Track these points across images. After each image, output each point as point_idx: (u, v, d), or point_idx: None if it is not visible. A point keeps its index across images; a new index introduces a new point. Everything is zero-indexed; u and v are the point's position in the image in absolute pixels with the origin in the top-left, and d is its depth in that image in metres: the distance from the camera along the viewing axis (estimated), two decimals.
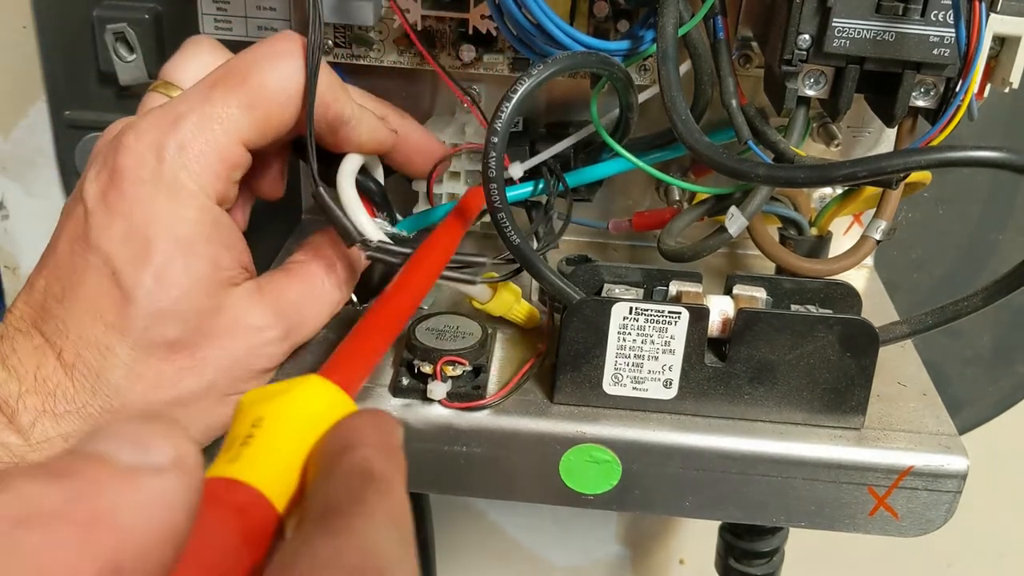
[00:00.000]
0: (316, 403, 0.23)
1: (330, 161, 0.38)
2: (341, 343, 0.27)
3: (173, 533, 0.16)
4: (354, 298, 0.42)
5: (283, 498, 0.21)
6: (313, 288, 0.37)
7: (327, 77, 0.35)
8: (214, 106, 0.33)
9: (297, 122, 0.34)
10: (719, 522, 0.48)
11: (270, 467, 0.21)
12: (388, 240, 0.37)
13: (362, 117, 0.37)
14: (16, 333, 0.33)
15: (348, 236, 0.36)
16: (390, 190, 0.41)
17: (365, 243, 0.36)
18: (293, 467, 0.22)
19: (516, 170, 0.40)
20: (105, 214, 0.32)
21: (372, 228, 0.36)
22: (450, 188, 0.43)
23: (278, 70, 0.33)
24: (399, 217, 0.41)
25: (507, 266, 0.38)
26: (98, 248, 0.32)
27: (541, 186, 0.41)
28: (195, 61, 0.37)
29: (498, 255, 0.37)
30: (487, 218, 0.34)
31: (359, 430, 0.22)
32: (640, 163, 0.38)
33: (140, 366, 0.32)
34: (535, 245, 0.39)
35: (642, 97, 0.40)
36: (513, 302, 0.39)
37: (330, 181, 0.40)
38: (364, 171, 0.39)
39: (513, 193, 0.40)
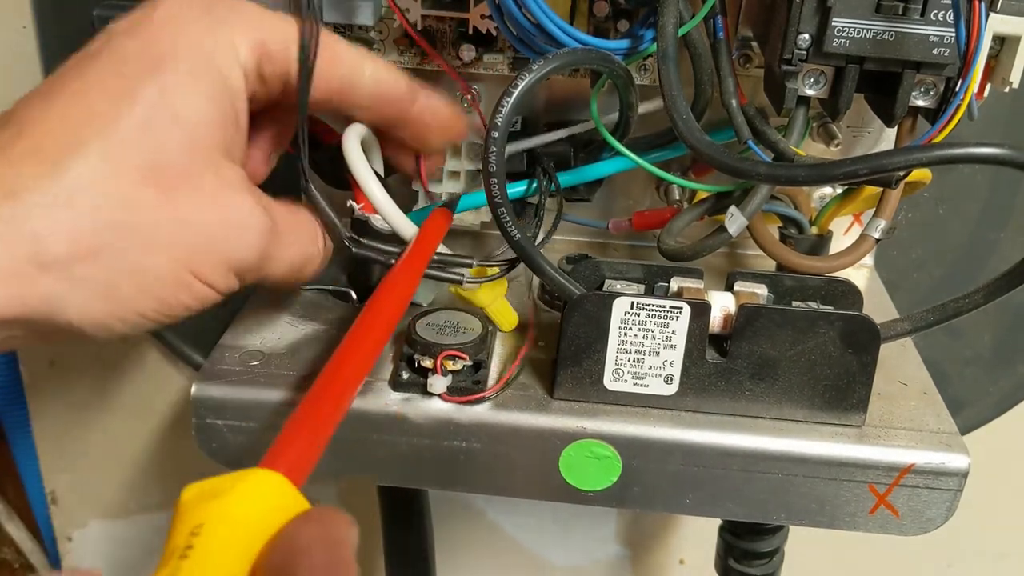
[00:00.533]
0: (261, 504, 0.21)
1: (322, 152, 0.38)
2: (286, 424, 0.25)
3: None
4: (353, 295, 0.43)
5: None
6: (298, 224, 0.34)
7: (330, 39, 0.33)
8: (245, 6, 0.32)
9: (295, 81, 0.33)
10: (719, 522, 0.48)
11: None
12: (384, 223, 0.37)
13: (379, 63, 0.35)
14: None
15: (336, 233, 0.36)
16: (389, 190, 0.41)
17: (353, 240, 0.36)
18: None
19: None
20: (129, 34, 0.30)
21: (383, 196, 0.36)
22: (450, 187, 0.43)
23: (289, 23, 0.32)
24: None
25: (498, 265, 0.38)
26: (111, 52, 0.29)
27: (535, 186, 0.41)
28: None
29: (487, 258, 0.37)
30: (487, 217, 0.34)
31: (302, 547, 0.20)
32: (641, 161, 0.38)
33: (108, 172, 0.28)
34: None
35: (642, 109, 0.40)
36: (500, 292, 0.39)
37: (323, 175, 0.40)
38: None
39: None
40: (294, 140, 0.35)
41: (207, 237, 0.30)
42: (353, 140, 0.37)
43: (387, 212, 0.37)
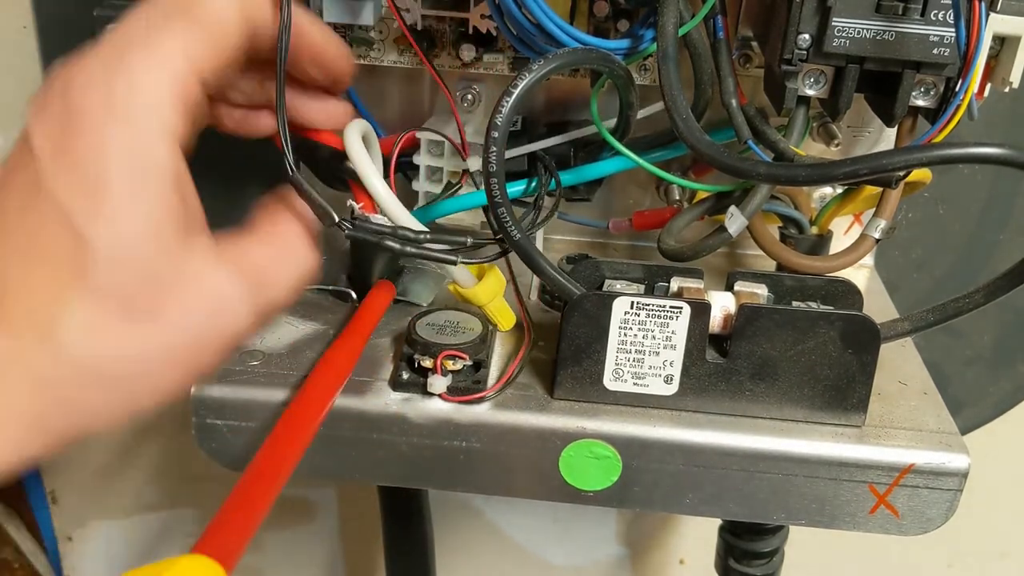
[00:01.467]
0: None
1: (320, 152, 0.38)
2: (220, 509, 0.27)
3: None
4: (353, 295, 0.43)
5: None
6: (280, 250, 0.34)
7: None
8: (160, 34, 0.31)
9: (248, 50, 0.33)
10: (719, 522, 0.48)
11: None
12: (385, 219, 0.36)
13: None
14: None
15: (327, 217, 0.35)
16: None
17: (343, 223, 0.35)
18: None
19: (473, 163, 0.40)
20: (56, 158, 0.30)
21: (386, 192, 0.36)
22: (429, 187, 0.43)
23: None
24: None
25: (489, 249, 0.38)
26: (50, 194, 0.29)
27: (534, 184, 0.41)
28: None
29: (479, 238, 0.37)
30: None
31: None
32: (641, 161, 0.38)
33: (98, 320, 0.29)
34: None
35: (643, 113, 0.40)
36: (498, 291, 0.39)
37: (321, 176, 0.40)
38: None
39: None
40: (279, 126, 0.35)
41: (198, 340, 0.31)
42: (355, 135, 0.37)
43: (391, 208, 0.37)
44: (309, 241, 0.35)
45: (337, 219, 0.35)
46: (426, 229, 0.37)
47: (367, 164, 0.36)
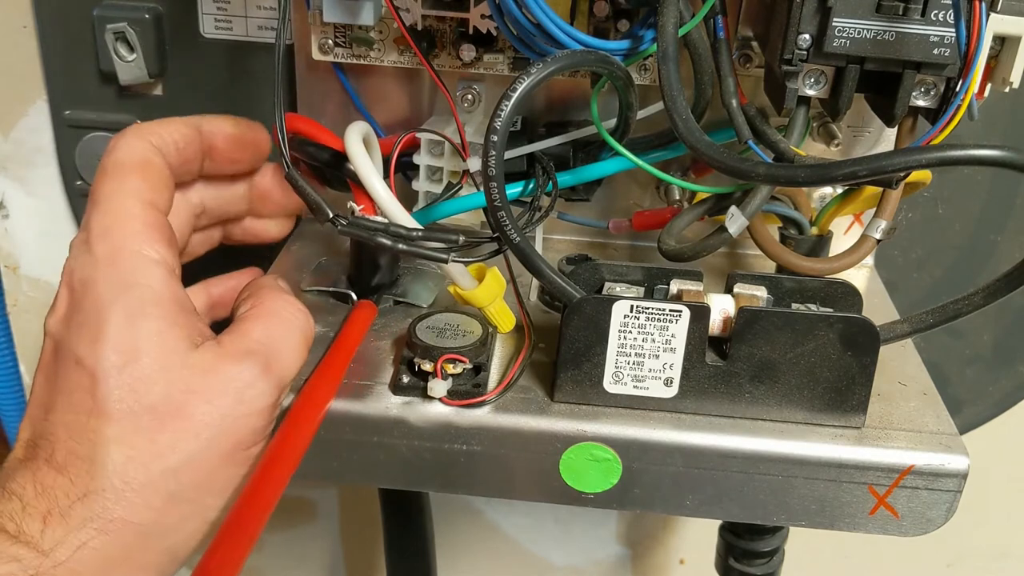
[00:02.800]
0: None
1: (320, 154, 0.39)
2: (208, 546, 0.31)
3: None
4: (353, 296, 0.43)
5: None
6: (276, 320, 0.36)
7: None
8: (103, 197, 0.35)
9: (183, 163, 0.39)
10: (719, 521, 0.48)
11: None
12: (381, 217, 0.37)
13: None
14: (14, 461, 0.33)
15: (322, 213, 0.36)
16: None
17: (337, 220, 0.36)
18: None
19: (473, 163, 0.40)
20: (65, 324, 0.34)
21: (387, 194, 0.36)
22: (429, 187, 0.43)
23: (119, 151, 0.37)
24: None
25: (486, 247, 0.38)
26: (64, 349, 0.34)
27: (532, 186, 0.41)
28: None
29: (472, 236, 0.37)
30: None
31: None
32: (640, 162, 0.38)
33: (131, 439, 0.32)
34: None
35: (642, 114, 0.40)
36: (498, 292, 0.39)
37: (321, 178, 0.40)
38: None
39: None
40: (276, 125, 0.36)
41: (234, 426, 0.34)
42: (355, 137, 0.37)
43: (390, 210, 0.37)
44: (298, 303, 0.37)
45: (331, 215, 0.35)
46: (420, 226, 0.37)
47: (367, 166, 0.36)
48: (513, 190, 0.41)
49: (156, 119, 0.39)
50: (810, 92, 0.36)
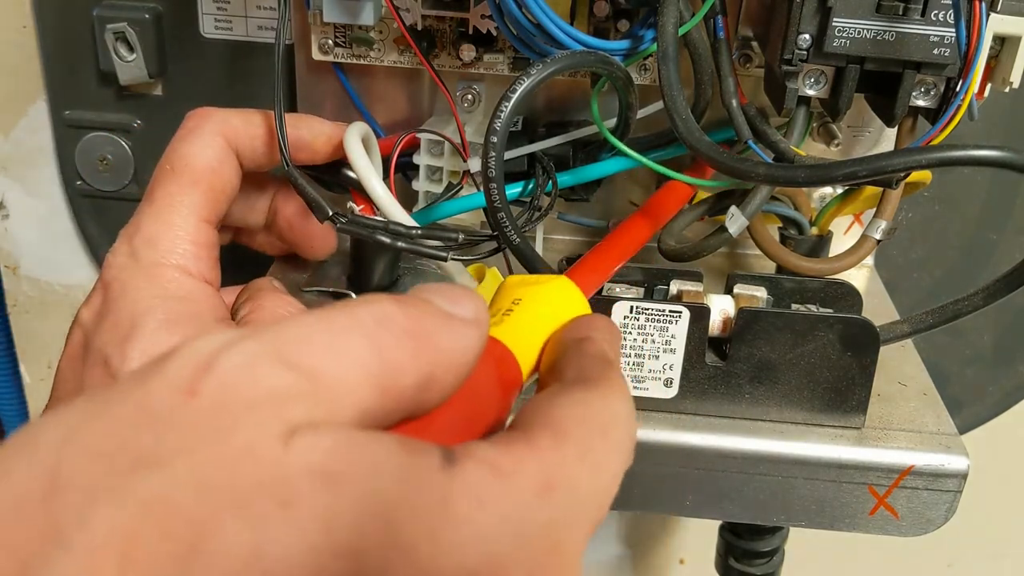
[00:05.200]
0: (563, 298, 0.27)
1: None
2: (586, 254, 0.34)
3: (465, 367, 0.21)
4: (353, 297, 0.43)
5: (527, 363, 0.25)
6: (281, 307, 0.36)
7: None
8: (161, 199, 0.35)
9: (255, 164, 0.37)
10: (719, 522, 0.48)
11: (523, 336, 0.25)
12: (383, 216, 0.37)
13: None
14: None
15: (320, 211, 0.36)
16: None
17: (336, 218, 0.36)
18: (538, 341, 0.26)
19: (474, 164, 0.40)
20: (97, 322, 0.33)
21: (386, 194, 0.36)
22: (429, 187, 0.43)
23: (193, 145, 0.35)
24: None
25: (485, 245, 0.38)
26: (91, 348, 0.33)
27: (531, 186, 0.41)
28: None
29: (471, 235, 0.37)
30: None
31: (598, 326, 0.26)
32: (643, 159, 0.38)
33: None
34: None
35: (642, 113, 0.40)
36: None
37: (321, 179, 0.40)
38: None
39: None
40: (276, 125, 0.36)
41: None
42: (355, 138, 0.37)
43: (390, 210, 0.37)
44: (296, 304, 0.37)
45: (330, 213, 0.35)
46: (419, 225, 0.37)
47: (367, 167, 0.36)
48: (513, 190, 0.41)
49: (235, 109, 0.37)
50: (810, 92, 0.35)
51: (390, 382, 0.19)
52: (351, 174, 0.37)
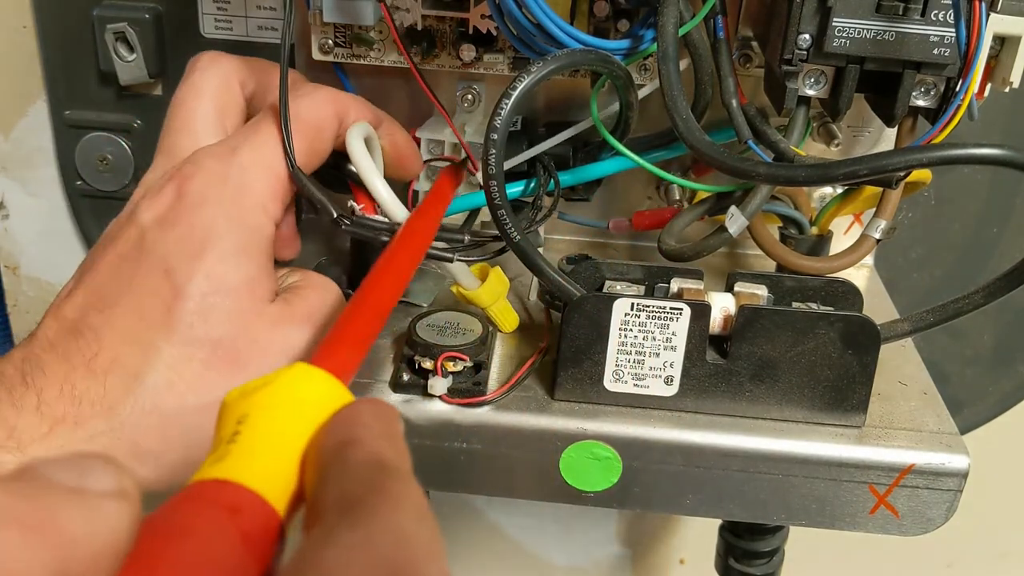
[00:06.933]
0: (304, 392, 0.21)
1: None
2: (330, 329, 0.26)
3: (112, 555, 0.17)
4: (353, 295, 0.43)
5: (281, 496, 0.19)
6: (326, 293, 0.36)
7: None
8: (265, 136, 0.35)
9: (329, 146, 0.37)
10: (719, 522, 0.48)
11: (261, 464, 0.19)
12: (382, 216, 0.37)
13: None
14: (44, 341, 0.32)
15: (326, 212, 0.36)
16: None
17: (342, 219, 0.36)
18: (287, 463, 0.20)
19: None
20: (162, 229, 0.33)
21: (388, 193, 0.36)
22: (427, 186, 0.43)
23: (312, 100, 0.36)
24: None
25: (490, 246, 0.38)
26: (152, 252, 0.33)
27: (533, 185, 0.41)
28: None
29: (477, 236, 0.37)
30: (486, 217, 0.34)
31: (362, 420, 0.21)
32: (641, 161, 0.38)
33: (181, 366, 0.32)
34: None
35: (642, 93, 0.40)
36: (502, 292, 0.39)
37: (323, 178, 0.40)
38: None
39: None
40: (281, 125, 0.36)
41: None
42: (357, 138, 0.37)
43: (392, 210, 0.37)
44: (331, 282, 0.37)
45: (336, 214, 0.36)
46: None
47: (369, 167, 0.36)
48: (514, 189, 0.41)
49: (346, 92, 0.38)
50: (810, 92, 0.36)
51: None
52: (352, 168, 0.37)
